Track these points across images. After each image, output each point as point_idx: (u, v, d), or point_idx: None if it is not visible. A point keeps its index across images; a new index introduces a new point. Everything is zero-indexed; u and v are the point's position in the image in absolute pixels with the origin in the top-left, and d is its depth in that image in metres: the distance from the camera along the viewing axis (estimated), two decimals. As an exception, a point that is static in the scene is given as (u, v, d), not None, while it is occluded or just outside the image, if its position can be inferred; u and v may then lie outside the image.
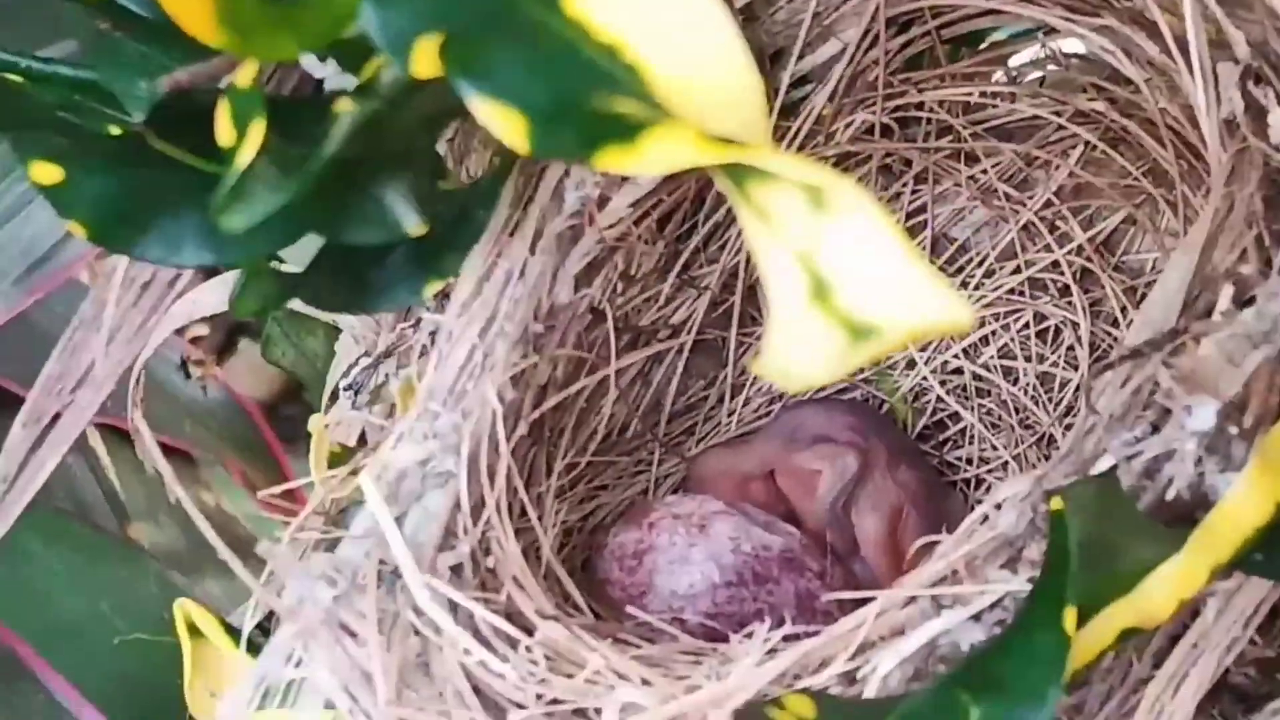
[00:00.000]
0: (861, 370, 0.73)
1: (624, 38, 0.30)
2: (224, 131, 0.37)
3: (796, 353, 0.27)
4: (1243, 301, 0.44)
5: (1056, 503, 0.38)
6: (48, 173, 0.42)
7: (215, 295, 0.59)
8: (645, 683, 0.46)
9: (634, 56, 0.30)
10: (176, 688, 0.61)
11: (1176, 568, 0.39)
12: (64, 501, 0.95)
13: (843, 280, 0.26)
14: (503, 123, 0.30)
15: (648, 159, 0.28)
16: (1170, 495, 0.42)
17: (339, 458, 0.63)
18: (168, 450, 1.01)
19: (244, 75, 0.37)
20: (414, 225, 0.42)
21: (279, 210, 0.37)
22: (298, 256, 0.47)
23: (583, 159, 0.29)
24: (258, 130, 0.36)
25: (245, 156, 0.36)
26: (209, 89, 0.41)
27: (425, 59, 0.31)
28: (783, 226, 0.27)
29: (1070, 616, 0.36)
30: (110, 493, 0.99)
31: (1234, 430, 0.42)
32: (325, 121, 0.37)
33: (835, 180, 0.27)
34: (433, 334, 0.52)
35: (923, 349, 0.71)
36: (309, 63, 0.42)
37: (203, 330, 0.55)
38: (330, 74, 0.44)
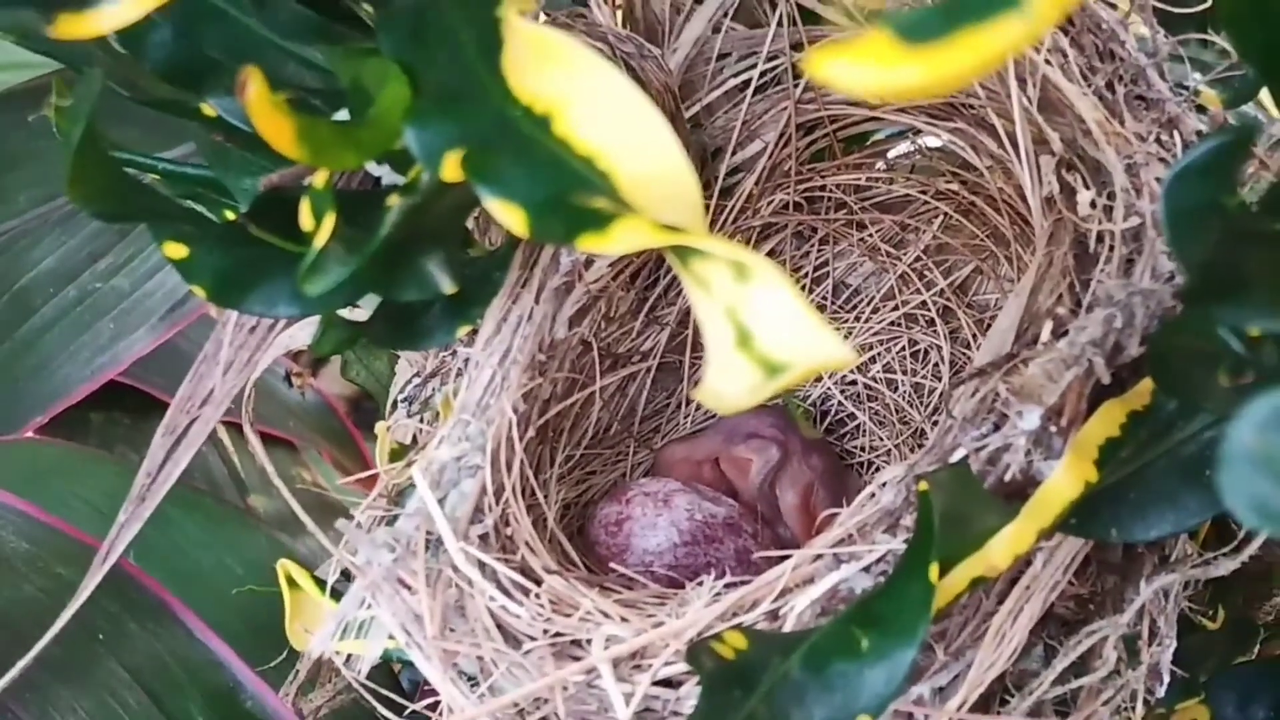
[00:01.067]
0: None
1: (598, 151, 0.30)
2: (305, 220, 0.37)
3: (726, 385, 0.27)
4: (1059, 333, 0.44)
5: (923, 485, 0.38)
6: (176, 250, 0.42)
7: (305, 332, 0.59)
8: (624, 620, 0.46)
9: (606, 165, 0.30)
10: (282, 624, 0.61)
11: (1013, 530, 0.39)
12: (198, 480, 0.95)
13: (760, 331, 0.26)
14: (508, 216, 0.30)
15: (616, 243, 0.28)
16: (1008, 477, 0.42)
17: (398, 453, 0.63)
18: (276, 440, 1.02)
19: (319, 179, 0.37)
20: (448, 286, 0.42)
21: (346, 278, 0.37)
22: (367, 303, 0.47)
23: (567, 242, 0.29)
24: (329, 221, 0.36)
25: (320, 240, 0.35)
26: (295, 186, 0.41)
27: (451, 168, 0.31)
28: (715, 291, 0.27)
29: (934, 570, 0.36)
30: (234, 473, 0.99)
31: (1054, 429, 0.42)
32: (381, 210, 0.37)
33: (753, 257, 0.27)
34: (464, 362, 0.52)
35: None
36: (369, 165, 0.42)
37: (302, 346, 0.55)
38: (385, 173, 0.44)
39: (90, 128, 0.38)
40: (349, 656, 0.55)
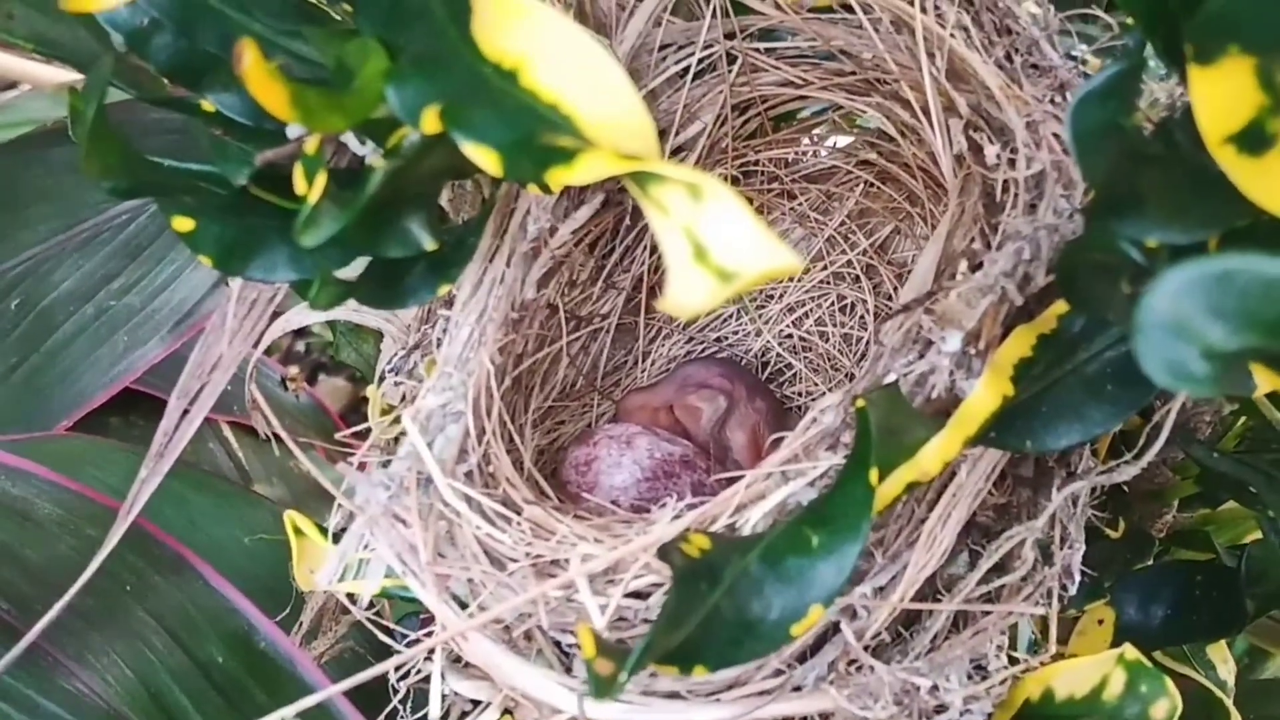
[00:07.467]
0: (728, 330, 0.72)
1: (561, 97, 0.30)
2: (299, 184, 0.36)
3: (686, 295, 0.26)
4: (974, 267, 0.43)
5: (861, 403, 0.37)
6: (183, 223, 0.41)
7: (299, 316, 0.59)
8: (597, 540, 0.45)
9: (569, 110, 0.29)
10: (287, 582, 0.60)
11: (942, 439, 0.39)
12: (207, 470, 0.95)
13: (714, 244, 0.26)
14: (483, 158, 0.29)
15: (581, 173, 0.28)
16: (933, 396, 0.42)
17: (387, 413, 0.63)
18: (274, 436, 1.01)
19: (311, 145, 0.36)
20: (429, 243, 0.41)
21: (338, 237, 0.37)
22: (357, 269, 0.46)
23: (537, 178, 0.28)
24: (321, 180, 0.35)
25: (314, 195, 0.35)
26: (288, 162, 0.40)
27: (430, 120, 0.30)
28: (672, 212, 0.27)
29: (874, 473, 0.36)
30: (239, 465, 0.99)
31: (973, 351, 0.41)
32: (367, 179, 0.37)
33: (706, 178, 0.26)
34: (444, 322, 0.52)
35: (765, 322, 0.71)
36: (354, 144, 0.41)
37: (299, 325, 0.55)
38: (368, 152, 0.44)
39: (101, 108, 0.37)
40: (351, 596, 0.54)
